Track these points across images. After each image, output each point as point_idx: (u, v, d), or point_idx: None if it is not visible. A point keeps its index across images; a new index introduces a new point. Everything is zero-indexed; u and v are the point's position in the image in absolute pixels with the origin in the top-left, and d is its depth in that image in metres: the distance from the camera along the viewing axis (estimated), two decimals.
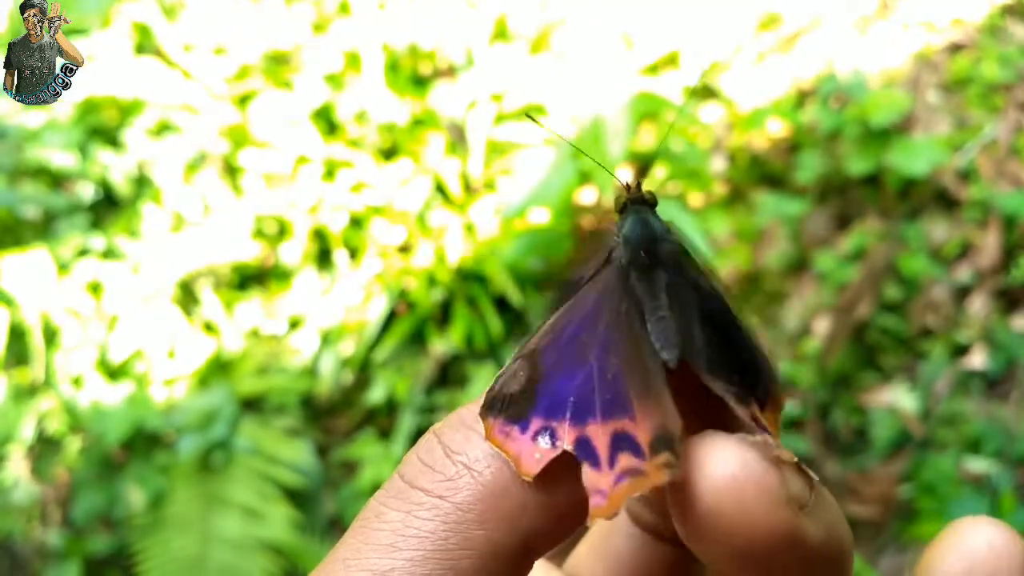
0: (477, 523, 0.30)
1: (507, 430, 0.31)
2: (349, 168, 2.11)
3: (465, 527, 0.30)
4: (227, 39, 2.26)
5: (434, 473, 0.31)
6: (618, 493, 0.29)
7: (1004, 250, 1.76)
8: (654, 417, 0.30)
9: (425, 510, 0.30)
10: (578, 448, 0.30)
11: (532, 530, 0.30)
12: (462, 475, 0.30)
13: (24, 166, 2.19)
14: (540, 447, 0.31)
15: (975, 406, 1.62)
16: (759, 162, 2.02)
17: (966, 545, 0.30)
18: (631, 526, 0.39)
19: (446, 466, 0.31)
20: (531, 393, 0.32)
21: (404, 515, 0.30)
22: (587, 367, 0.33)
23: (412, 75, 2.22)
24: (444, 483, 0.30)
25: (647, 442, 0.30)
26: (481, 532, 0.30)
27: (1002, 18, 2.01)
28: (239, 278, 2.12)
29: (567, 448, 0.30)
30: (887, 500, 1.56)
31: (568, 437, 0.31)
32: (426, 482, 0.31)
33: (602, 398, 0.32)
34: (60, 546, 1.84)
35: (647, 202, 0.37)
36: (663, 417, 0.30)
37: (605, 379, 0.32)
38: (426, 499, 0.30)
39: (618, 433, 0.30)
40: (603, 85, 1.99)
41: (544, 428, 0.31)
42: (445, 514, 0.30)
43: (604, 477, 0.29)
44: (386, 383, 1.91)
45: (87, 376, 1.92)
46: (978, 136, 1.87)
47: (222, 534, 1.73)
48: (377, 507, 0.31)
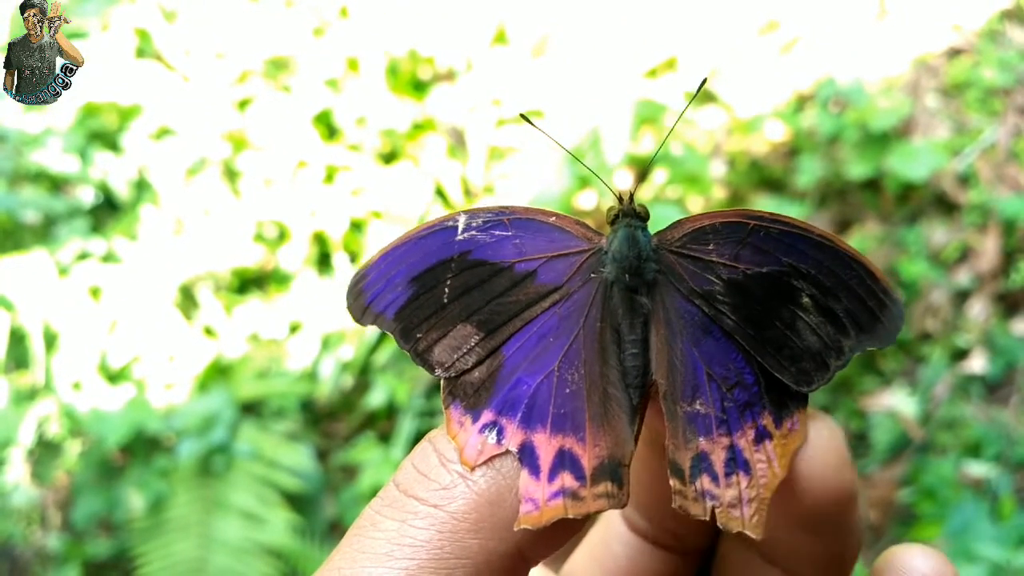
0: (472, 532, 0.30)
1: (462, 420, 0.32)
2: (348, 172, 2.11)
3: (460, 536, 0.30)
4: (227, 44, 2.26)
5: (429, 482, 0.31)
6: (551, 509, 0.30)
7: (1003, 254, 1.76)
8: (604, 444, 0.31)
9: (420, 519, 0.30)
10: (522, 453, 0.31)
11: (526, 539, 0.31)
12: (457, 484, 0.31)
13: (24, 170, 2.19)
14: (486, 442, 0.32)
15: (975, 410, 1.62)
16: (758, 166, 2.02)
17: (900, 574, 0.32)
18: (628, 533, 0.39)
19: (441, 475, 0.31)
20: (490, 383, 0.33)
21: (399, 524, 0.30)
22: (549, 373, 0.33)
23: (412, 80, 2.22)
24: (439, 492, 0.31)
25: (590, 469, 0.31)
26: (476, 541, 0.30)
27: (1001, 23, 2.01)
28: (239, 282, 2.12)
29: (511, 450, 0.31)
30: (887, 504, 1.56)
31: (514, 439, 0.32)
32: (421, 491, 0.31)
33: (556, 410, 0.32)
34: (60, 550, 1.84)
35: (639, 216, 0.37)
36: (613, 445, 0.31)
37: (563, 391, 0.33)
38: (421, 508, 0.30)
39: (564, 450, 0.31)
40: (603, 90, 1.99)
41: (493, 423, 0.32)
42: (440, 523, 0.30)
43: (540, 488, 0.30)
44: (386, 387, 1.91)
45: (87, 380, 1.92)
46: (977, 140, 1.88)
47: (222, 538, 1.72)
48: (372, 516, 0.31)
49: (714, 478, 0.30)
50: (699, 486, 0.30)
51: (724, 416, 0.32)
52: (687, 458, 0.31)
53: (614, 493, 0.29)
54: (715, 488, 0.30)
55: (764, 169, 2.01)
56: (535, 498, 0.30)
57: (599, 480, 0.30)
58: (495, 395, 0.33)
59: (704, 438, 0.31)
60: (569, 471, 0.31)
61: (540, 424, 0.32)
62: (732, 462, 0.31)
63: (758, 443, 0.32)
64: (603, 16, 2.15)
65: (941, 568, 0.32)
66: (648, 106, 1.86)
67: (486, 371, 0.33)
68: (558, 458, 0.31)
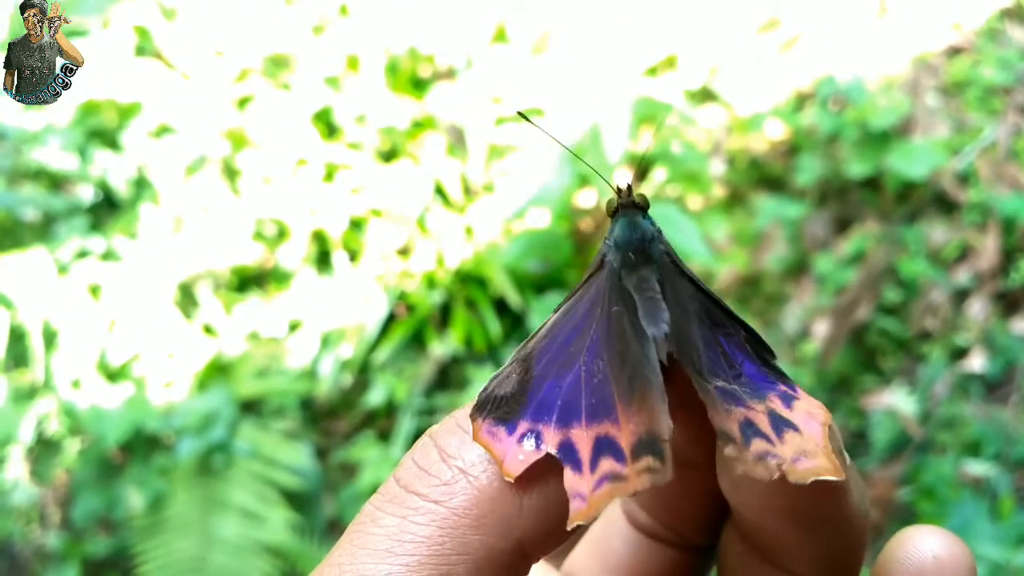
0: (473, 528, 0.30)
1: (494, 431, 0.31)
2: (348, 170, 2.11)
3: (461, 532, 0.30)
4: (227, 42, 2.26)
5: (430, 477, 0.31)
6: (598, 497, 0.29)
7: (1003, 253, 1.76)
8: (638, 421, 0.30)
9: (421, 515, 0.30)
10: (561, 451, 0.31)
11: (528, 535, 0.30)
12: (458, 480, 0.30)
13: (24, 168, 2.19)
14: (525, 449, 0.31)
15: (974, 409, 1.62)
16: (758, 165, 2.02)
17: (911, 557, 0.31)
18: (629, 529, 0.39)
19: (442, 470, 0.31)
20: (522, 395, 0.33)
21: (400, 520, 0.30)
22: (576, 371, 0.33)
23: (412, 78, 2.22)
24: (440, 487, 0.30)
25: (629, 446, 0.30)
26: (477, 537, 0.30)
27: (1001, 21, 2.01)
28: (239, 280, 2.12)
29: (551, 451, 0.31)
30: (887, 503, 1.56)
31: (552, 440, 0.31)
32: (422, 486, 0.30)
33: (588, 402, 0.32)
34: (59, 548, 1.84)
35: (638, 206, 0.37)
36: (648, 420, 0.30)
37: (592, 383, 0.32)
38: (422, 504, 0.30)
39: (601, 437, 0.31)
40: (602, 88, 1.99)
41: (530, 431, 0.31)
42: (441, 519, 0.30)
43: (585, 481, 0.30)
44: (385, 385, 1.91)
45: (86, 378, 1.92)
46: (977, 139, 1.88)
47: (222, 536, 1.73)
48: (373, 511, 0.31)
49: (767, 439, 0.30)
50: (755, 449, 0.29)
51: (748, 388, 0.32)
52: (735, 425, 0.30)
53: (657, 467, 0.28)
54: (772, 447, 0.29)
55: (764, 167, 2.01)
56: (582, 492, 0.29)
57: (640, 456, 0.29)
58: (528, 404, 0.32)
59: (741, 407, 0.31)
60: (609, 455, 0.30)
61: (576, 420, 0.31)
62: (777, 422, 0.31)
63: (788, 405, 0.32)
64: (603, 14, 2.15)
65: (954, 549, 0.31)
66: (648, 104, 1.86)
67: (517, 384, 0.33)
68: (597, 446, 0.30)
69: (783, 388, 0.33)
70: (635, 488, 0.29)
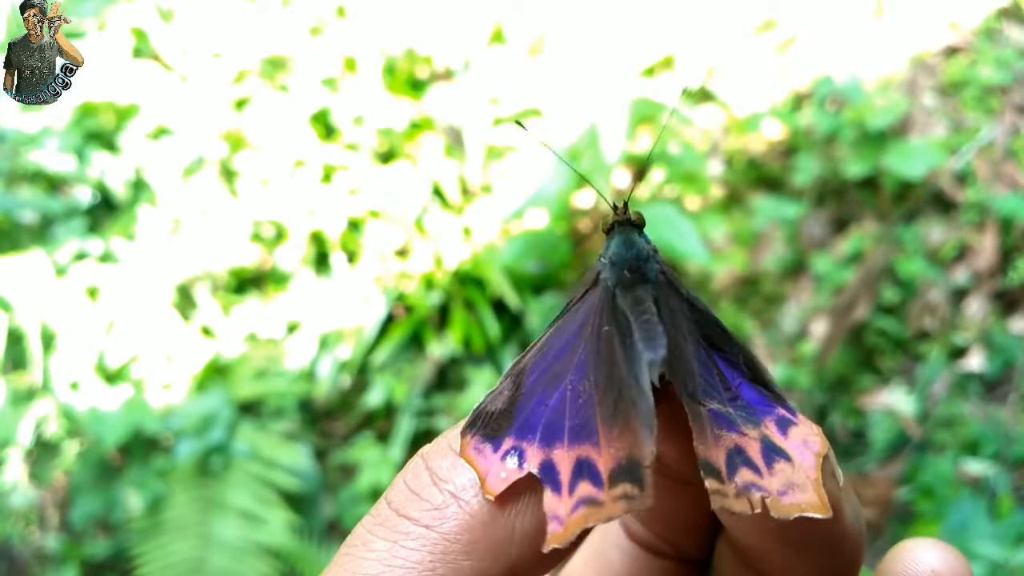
0: (464, 553, 0.29)
1: (480, 447, 0.31)
2: (346, 172, 2.11)
3: (452, 557, 0.29)
4: (224, 43, 2.26)
5: (421, 501, 0.30)
6: (573, 521, 0.29)
7: (1001, 252, 1.76)
8: (619, 445, 0.30)
9: (412, 539, 0.30)
10: (542, 472, 0.30)
11: (519, 559, 0.30)
12: (449, 504, 0.30)
13: (21, 170, 2.19)
14: (507, 467, 0.30)
15: (973, 408, 1.62)
16: (756, 165, 2.03)
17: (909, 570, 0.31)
18: (626, 540, 0.39)
19: (433, 494, 0.30)
20: (511, 412, 0.32)
21: (391, 544, 0.30)
22: (562, 390, 0.33)
23: (409, 79, 2.22)
24: (431, 512, 0.30)
25: (607, 472, 0.29)
26: (468, 562, 0.29)
27: (998, 21, 2.02)
28: (237, 282, 2.12)
29: (532, 471, 0.30)
30: (885, 502, 1.56)
31: (534, 460, 0.31)
32: (413, 510, 0.30)
33: (571, 423, 0.31)
34: (58, 550, 1.84)
35: (634, 223, 0.36)
36: (630, 445, 0.29)
37: (576, 403, 0.32)
38: (413, 528, 0.30)
39: (581, 460, 0.30)
40: (600, 89, 1.99)
41: (514, 448, 0.31)
42: (432, 544, 0.29)
43: (563, 503, 0.29)
44: (384, 386, 1.91)
45: (85, 380, 1.92)
46: (975, 139, 1.88)
47: (220, 538, 1.72)
48: (364, 534, 0.30)
49: (755, 469, 0.29)
50: (740, 480, 0.29)
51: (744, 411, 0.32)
52: (721, 455, 0.30)
53: (634, 495, 0.28)
54: (759, 479, 0.29)
55: (762, 168, 2.02)
56: (559, 515, 0.29)
57: (617, 482, 0.29)
58: (515, 421, 0.32)
59: (734, 433, 0.31)
60: (587, 479, 0.30)
61: (558, 440, 0.31)
62: (769, 451, 0.30)
63: (783, 431, 0.31)
64: (600, 15, 2.15)
65: (954, 563, 0.31)
66: (645, 105, 1.86)
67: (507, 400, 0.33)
68: (576, 469, 0.30)
69: (781, 412, 0.32)
70: (610, 515, 0.28)
